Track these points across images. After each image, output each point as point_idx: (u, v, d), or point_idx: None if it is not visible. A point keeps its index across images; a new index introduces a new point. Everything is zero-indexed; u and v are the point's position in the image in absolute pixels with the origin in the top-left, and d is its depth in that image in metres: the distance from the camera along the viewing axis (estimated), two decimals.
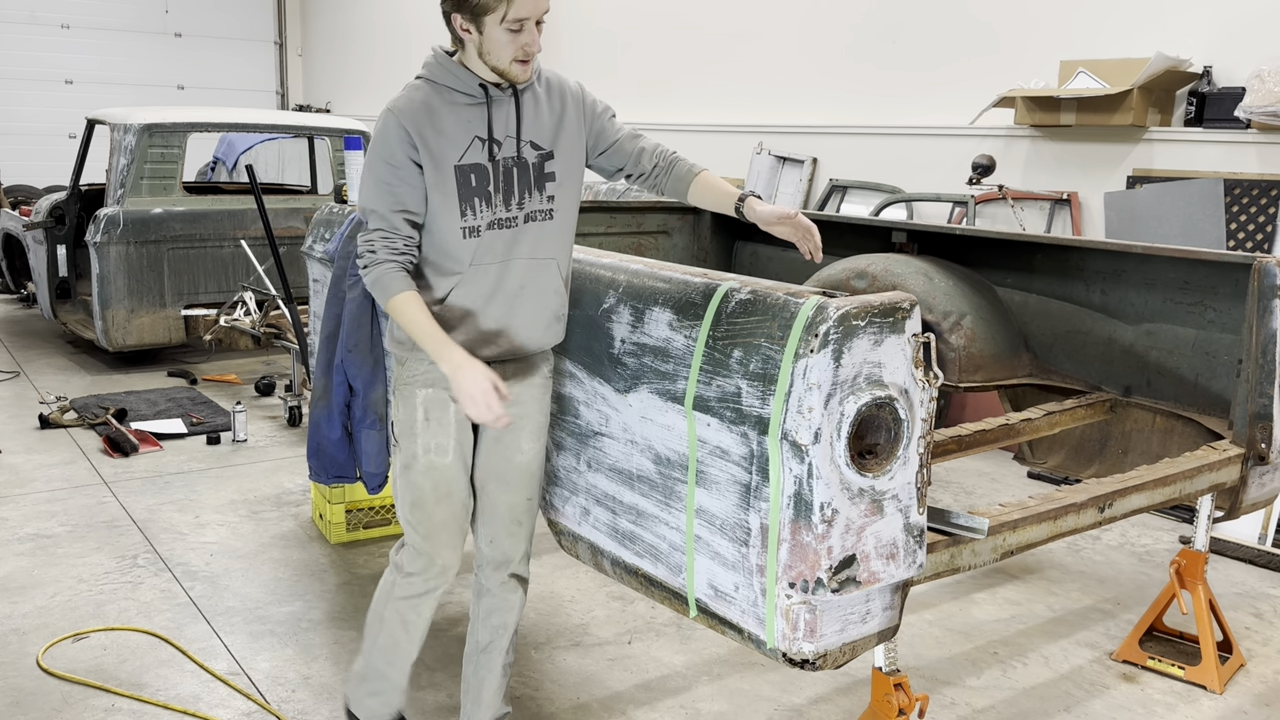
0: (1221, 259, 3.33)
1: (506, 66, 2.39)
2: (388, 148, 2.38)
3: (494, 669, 2.82)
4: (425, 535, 2.60)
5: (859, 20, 6.97)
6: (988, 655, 3.59)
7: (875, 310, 2.11)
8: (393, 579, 2.70)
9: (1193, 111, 5.33)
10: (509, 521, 2.70)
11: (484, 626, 2.80)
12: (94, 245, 6.62)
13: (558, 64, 9.62)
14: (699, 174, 2.63)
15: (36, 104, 12.76)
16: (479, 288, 2.47)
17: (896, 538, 2.21)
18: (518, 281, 2.50)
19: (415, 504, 2.59)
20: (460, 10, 2.33)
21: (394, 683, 2.79)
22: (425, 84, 2.44)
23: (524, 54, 2.38)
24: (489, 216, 2.44)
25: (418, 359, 2.52)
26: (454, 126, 2.40)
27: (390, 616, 2.71)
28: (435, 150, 2.38)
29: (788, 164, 7.37)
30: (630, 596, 3.92)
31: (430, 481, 2.57)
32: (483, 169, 2.42)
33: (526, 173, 2.48)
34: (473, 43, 2.38)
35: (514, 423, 2.55)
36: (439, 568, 2.64)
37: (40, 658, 3.37)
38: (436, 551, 2.62)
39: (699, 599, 2.39)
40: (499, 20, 2.32)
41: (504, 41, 2.35)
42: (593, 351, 2.61)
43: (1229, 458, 3.17)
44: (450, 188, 2.40)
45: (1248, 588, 4.17)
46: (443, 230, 2.43)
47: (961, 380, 3.76)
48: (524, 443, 2.65)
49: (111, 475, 5.09)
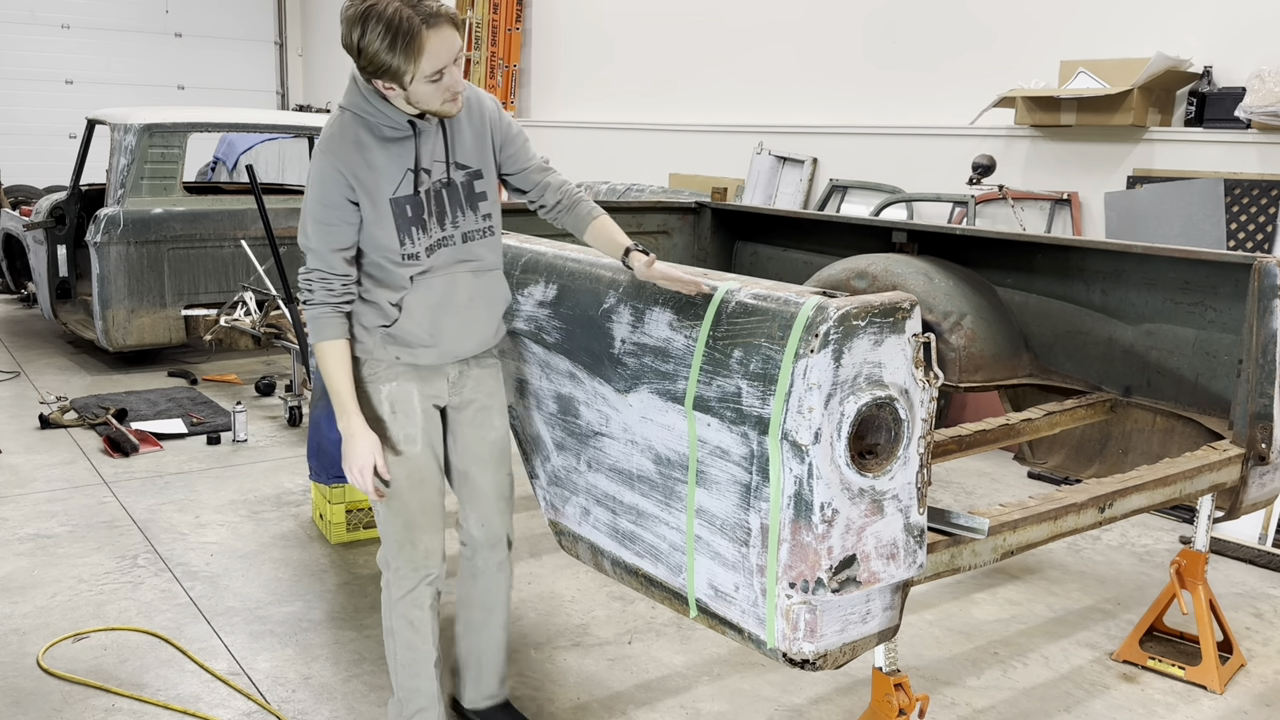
0: (1222, 259, 3.33)
1: (438, 108, 2.44)
2: (324, 190, 2.45)
3: (496, 641, 2.93)
4: (405, 524, 2.66)
5: (859, 20, 6.97)
6: (988, 655, 3.59)
7: (875, 310, 2.11)
8: (387, 585, 2.75)
9: (1193, 111, 5.33)
10: (496, 499, 2.81)
11: (479, 608, 2.89)
12: (94, 245, 6.62)
13: (557, 65, 9.64)
14: (597, 218, 2.70)
15: (36, 104, 12.77)
16: (426, 302, 2.56)
17: (897, 538, 2.21)
18: (466, 294, 2.62)
19: (392, 496, 2.64)
20: (377, 77, 2.36)
21: (428, 694, 2.79)
22: (353, 118, 2.47)
23: (449, 94, 2.41)
24: (426, 241, 2.54)
25: (376, 360, 2.60)
26: (385, 161, 2.47)
27: (398, 625, 2.74)
28: (370, 187, 2.46)
29: (788, 164, 7.37)
30: (630, 596, 3.92)
31: (403, 470, 2.63)
32: (416, 200, 2.51)
33: (457, 194, 2.57)
34: (399, 97, 2.41)
35: (475, 403, 2.73)
36: (423, 553, 2.69)
37: (40, 658, 3.37)
38: (418, 538, 2.67)
39: (699, 599, 2.39)
40: (413, 79, 2.34)
41: (429, 92, 2.38)
42: (593, 351, 2.61)
43: (1229, 458, 3.17)
44: (388, 220, 2.48)
45: (1248, 588, 4.17)
46: (384, 253, 2.52)
47: (961, 380, 3.76)
48: (495, 420, 2.78)
49: (112, 475, 5.09)
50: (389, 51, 2.28)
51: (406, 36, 2.26)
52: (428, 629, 2.75)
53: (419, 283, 2.55)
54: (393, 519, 2.66)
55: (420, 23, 2.27)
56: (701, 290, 2.36)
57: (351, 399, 2.52)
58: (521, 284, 2.92)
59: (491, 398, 2.77)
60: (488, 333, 2.71)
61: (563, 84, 9.64)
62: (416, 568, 2.70)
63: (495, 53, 9.95)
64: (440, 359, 2.63)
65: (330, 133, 2.47)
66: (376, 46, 2.28)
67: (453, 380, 2.70)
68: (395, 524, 2.66)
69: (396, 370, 2.60)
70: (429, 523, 2.69)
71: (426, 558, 2.70)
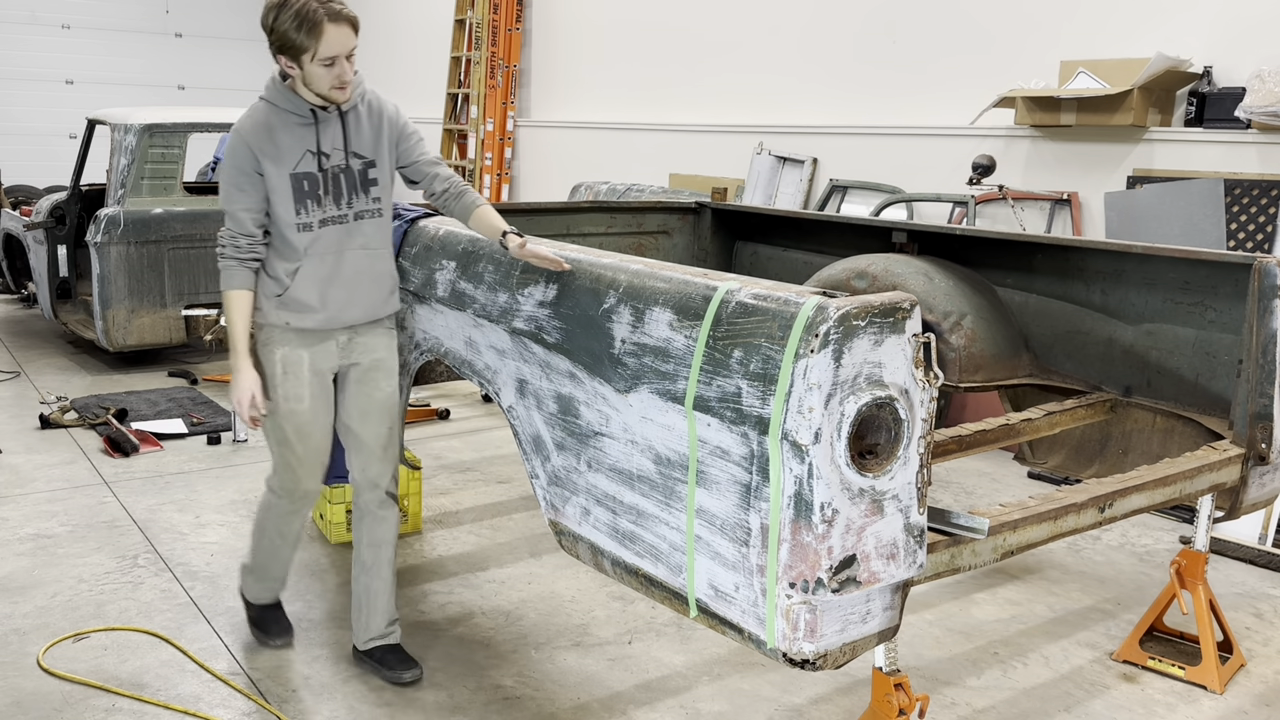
0: (1222, 259, 3.33)
1: (327, 92, 2.90)
2: (236, 162, 2.95)
3: (383, 580, 3.34)
4: (289, 467, 3.17)
5: (859, 20, 6.97)
6: (988, 655, 3.59)
7: (875, 310, 2.11)
8: (269, 499, 3.29)
9: (1193, 111, 5.33)
10: (376, 448, 3.24)
11: (368, 548, 3.31)
12: (94, 245, 6.62)
13: (557, 65, 9.64)
14: (480, 206, 3.09)
15: (37, 104, 12.76)
16: (318, 274, 3.03)
17: (897, 538, 2.21)
18: (353, 269, 3.08)
19: (280, 442, 3.15)
20: (282, 53, 2.85)
21: (276, 576, 3.44)
22: (266, 105, 2.97)
23: (339, 82, 2.88)
24: (320, 215, 3.01)
25: (272, 326, 3.07)
26: (289, 142, 2.95)
27: (270, 529, 3.32)
28: (274, 161, 2.93)
29: (788, 164, 7.38)
30: (630, 596, 3.92)
31: (291, 425, 3.12)
32: (313, 176, 2.98)
33: (353, 178, 3.04)
34: (297, 76, 2.90)
35: (365, 365, 3.18)
36: (302, 493, 3.23)
37: (41, 658, 3.37)
38: (299, 481, 3.20)
39: (699, 599, 2.40)
40: (312, 58, 2.82)
41: (321, 75, 2.85)
42: (593, 351, 2.61)
43: (1229, 458, 3.17)
44: (287, 192, 2.96)
45: (1248, 588, 4.17)
46: (283, 224, 2.99)
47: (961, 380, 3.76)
48: (381, 381, 3.22)
49: (112, 475, 5.09)
50: (295, 32, 2.77)
51: (310, 22, 2.76)
52: (292, 541, 3.36)
53: (312, 257, 3.01)
54: (281, 464, 3.19)
55: (324, 15, 2.77)
56: (563, 267, 2.72)
57: (244, 343, 3.01)
58: (521, 284, 2.93)
59: (378, 363, 3.20)
60: (373, 305, 3.15)
61: (563, 84, 9.64)
62: (294, 502, 3.25)
63: (495, 53, 9.95)
64: (326, 324, 3.07)
65: (247, 116, 2.97)
66: (286, 26, 2.78)
67: (341, 345, 3.14)
68: (283, 466, 3.18)
69: (289, 337, 3.07)
70: (310, 470, 3.19)
71: (304, 497, 3.25)
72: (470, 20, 10.22)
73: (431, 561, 4.23)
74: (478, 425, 6.16)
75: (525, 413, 2.98)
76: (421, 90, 11.36)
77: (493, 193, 10.00)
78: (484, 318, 3.10)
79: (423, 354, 3.47)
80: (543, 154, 9.89)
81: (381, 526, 3.30)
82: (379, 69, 12.50)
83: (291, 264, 3.01)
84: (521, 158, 10.11)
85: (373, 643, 3.36)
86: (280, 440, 3.14)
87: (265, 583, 3.46)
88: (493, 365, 3.12)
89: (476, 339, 3.18)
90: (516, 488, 5.12)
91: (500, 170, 10.01)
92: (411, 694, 3.23)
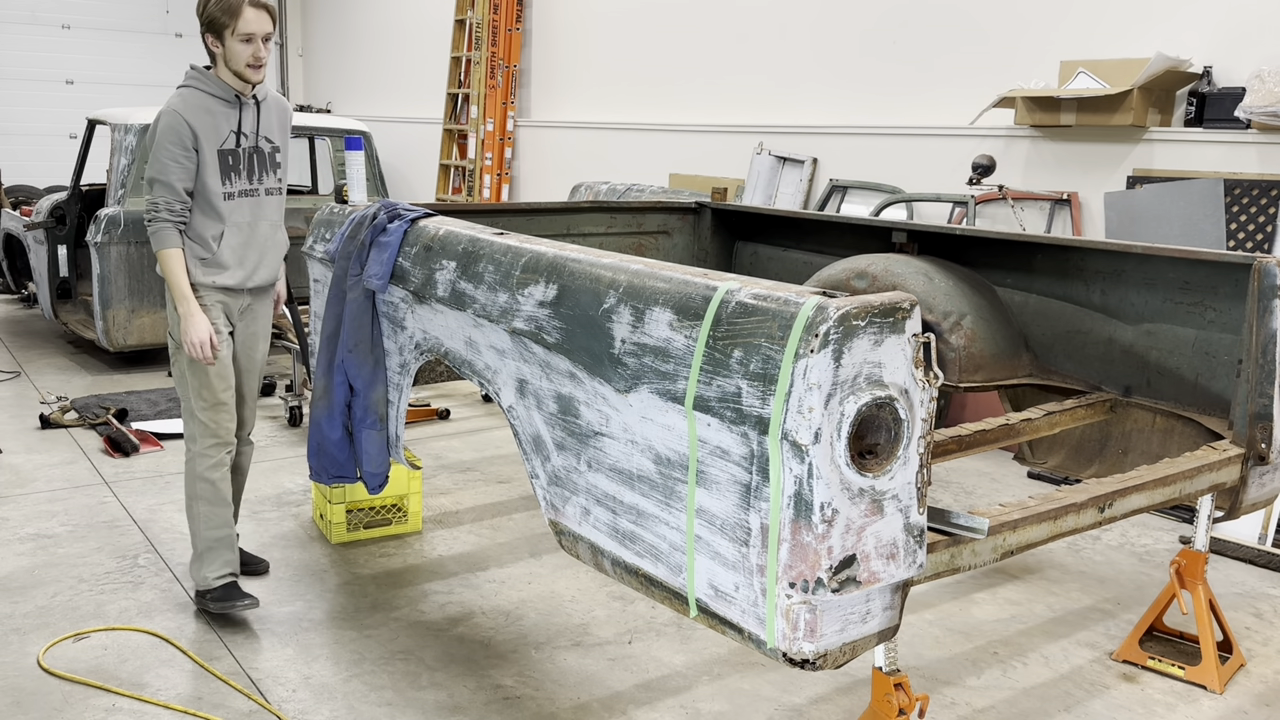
0: (1221, 259, 3.33)
1: (242, 70, 3.45)
2: (177, 136, 3.41)
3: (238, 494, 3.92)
4: (213, 406, 3.59)
5: (860, 20, 6.97)
6: (988, 655, 3.59)
7: (875, 310, 2.11)
8: (192, 459, 3.63)
9: (1193, 112, 5.33)
10: (249, 398, 3.80)
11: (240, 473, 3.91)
12: (95, 245, 6.62)
13: (557, 65, 9.64)
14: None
15: (37, 104, 12.76)
16: (236, 239, 3.57)
17: (897, 538, 2.22)
18: (263, 239, 3.67)
19: (204, 386, 3.57)
20: (209, 31, 3.42)
21: (225, 540, 3.67)
22: (195, 91, 3.48)
23: (254, 60, 3.44)
24: (239, 186, 3.56)
25: (201, 291, 3.52)
26: (219, 122, 3.49)
27: (202, 489, 3.62)
28: (207, 138, 3.45)
29: (788, 164, 7.38)
30: (631, 596, 3.92)
31: (216, 370, 3.57)
32: (235, 153, 3.53)
33: (264, 158, 3.62)
34: (220, 55, 3.46)
35: (253, 329, 3.74)
36: (225, 429, 3.63)
37: (41, 657, 3.37)
38: (220, 418, 3.61)
39: (699, 599, 2.40)
40: (233, 34, 3.38)
41: (239, 51, 3.42)
42: (593, 351, 2.61)
43: (1229, 458, 3.17)
44: (215, 165, 3.49)
45: (1248, 588, 4.17)
46: (211, 194, 3.50)
47: (961, 380, 3.76)
48: (260, 343, 3.79)
49: (112, 475, 5.09)
50: (219, 10, 3.36)
51: (232, 4, 3.35)
52: (226, 487, 3.66)
53: (231, 225, 3.54)
54: (204, 406, 3.59)
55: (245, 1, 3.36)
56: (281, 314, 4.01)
57: (188, 289, 3.47)
58: (522, 284, 2.93)
59: (261, 329, 3.78)
60: (275, 268, 3.76)
61: (563, 84, 9.64)
62: (220, 439, 3.62)
63: (495, 53, 9.95)
64: (243, 281, 3.61)
65: (179, 99, 3.45)
66: (212, 8, 3.37)
67: (241, 310, 3.67)
68: (205, 409, 3.59)
69: (212, 295, 3.55)
70: (230, 412, 3.64)
71: (228, 435, 3.64)
72: (470, 20, 10.21)
73: (431, 561, 4.23)
74: (478, 425, 6.17)
75: (525, 413, 2.98)
76: (421, 90, 11.36)
77: (493, 193, 10.00)
78: (484, 318, 3.10)
79: (423, 354, 3.47)
80: (543, 154, 9.89)
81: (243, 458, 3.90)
82: (379, 69, 12.51)
83: (216, 229, 3.52)
84: (521, 158, 10.11)
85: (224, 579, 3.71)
86: (203, 385, 3.56)
87: (218, 558, 3.65)
88: (493, 365, 3.12)
89: (476, 339, 3.19)
90: (516, 488, 5.12)
91: (500, 170, 10.01)
92: (412, 693, 3.23)
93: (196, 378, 3.56)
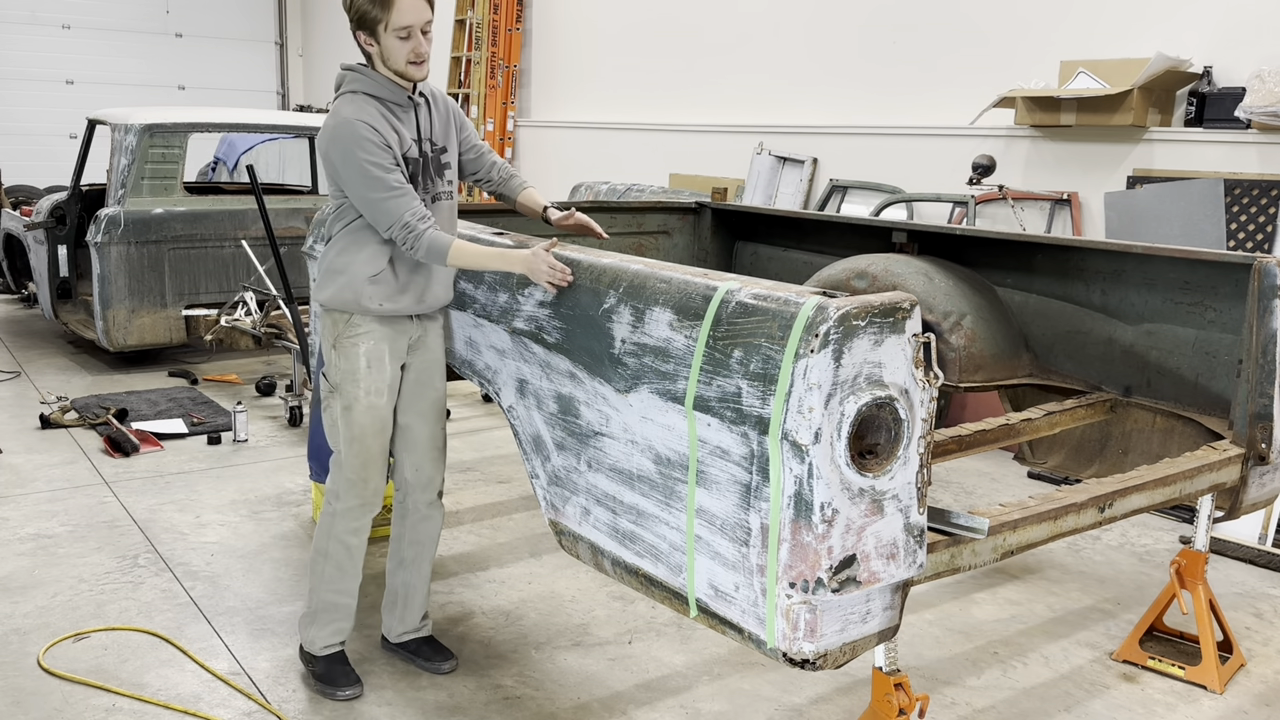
0: (1221, 259, 3.33)
1: (403, 68, 2.92)
2: (371, 144, 2.88)
3: (422, 577, 3.37)
4: (364, 464, 3.10)
5: (860, 21, 6.97)
6: (988, 655, 3.59)
7: (875, 310, 2.11)
8: (331, 516, 3.16)
9: (1193, 111, 5.33)
10: (431, 449, 3.25)
11: (410, 545, 3.33)
12: (95, 245, 6.62)
13: (557, 65, 9.64)
14: (528, 189, 3.34)
15: (37, 104, 12.76)
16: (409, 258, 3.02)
17: (897, 538, 2.22)
18: None
19: (355, 439, 3.08)
20: (360, 28, 2.91)
21: (345, 609, 3.24)
22: (364, 97, 2.95)
23: (415, 56, 2.91)
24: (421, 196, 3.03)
25: (358, 319, 3.04)
26: (401, 128, 2.98)
27: (335, 549, 3.17)
28: (394, 146, 2.93)
29: (788, 164, 7.38)
30: (631, 596, 3.92)
31: (370, 419, 3.09)
32: (415, 160, 3.02)
33: (439, 164, 3.10)
34: (375, 54, 2.93)
35: (427, 360, 3.19)
36: (373, 490, 3.14)
37: (41, 657, 3.37)
38: (370, 478, 3.13)
39: (699, 599, 2.40)
40: (387, 29, 2.86)
41: (396, 48, 2.89)
42: (593, 351, 2.61)
43: (1229, 458, 3.17)
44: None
45: (1248, 588, 4.17)
46: None
47: (961, 380, 3.76)
48: (436, 381, 3.23)
49: (112, 475, 5.09)
50: (369, 4, 2.84)
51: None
52: (361, 555, 3.21)
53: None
54: (353, 459, 3.10)
55: None
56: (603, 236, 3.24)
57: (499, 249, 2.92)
58: (522, 284, 2.93)
59: (435, 361, 3.22)
60: (447, 286, 3.18)
61: (563, 84, 9.64)
62: (364, 502, 3.14)
63: (495, 53, 9.95)
64: (413, 307, 3.08)
65: (351, 107, 2.91)
66: (362, 1, 2.85)
67: (413, 341, 3.14)
68: (355, 464, 3.10)
69: (373, 329, 3.05)
70: (381, 467, 3.16)
71: (375, 494, 3.15)
72: (470, 20, 10.21)
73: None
74: (478, 425, 6.17)
75: (525, 413, 2.98)
76: None
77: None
78: (484, 318, 3.11)
79: None
80: (543, 154, 9.88)
81: (427, 525, 3.32)
82: None
83: (387, 245, 3.01)
84: (522, 158, 10.11)
85: (406, 636, 3.41)
86: (355, 437, 3.07)
87: (332, 624, 3.23)
88: (493, 365, 3.12)
89: (476, 339, 3.19)
90: (516, 488, 5.12)
91: None
92: (412, 693, 3.23)
93: (349, 423, 3.07)
